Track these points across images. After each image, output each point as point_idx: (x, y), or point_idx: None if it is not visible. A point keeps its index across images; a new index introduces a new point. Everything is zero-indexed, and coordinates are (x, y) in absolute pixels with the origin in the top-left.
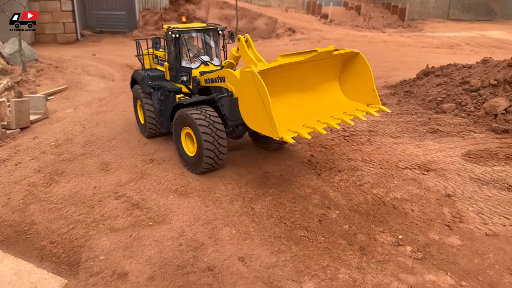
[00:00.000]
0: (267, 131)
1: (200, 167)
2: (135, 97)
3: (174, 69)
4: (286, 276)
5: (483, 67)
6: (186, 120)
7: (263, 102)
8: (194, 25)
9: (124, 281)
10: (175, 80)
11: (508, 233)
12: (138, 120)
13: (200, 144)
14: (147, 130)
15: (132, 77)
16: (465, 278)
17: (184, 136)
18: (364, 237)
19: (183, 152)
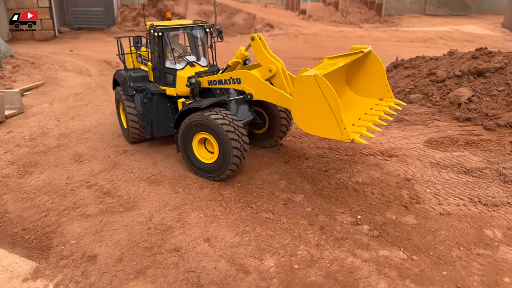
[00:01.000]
0: (332, 135)
1: (223, 173)
2: (117, 99)
3: (157, 70)
4: (249, 254)
5: (449, 59)
6: (204, 125)
7: (331, 106)
8: (179, 22)
9: (93, 263)
10: (159, 82)
11: (461, 212)
12: (121, 124)
13: (225, 149)
14: (130, 136)
15: (114, 78)
16: (416, 253)
17: (196, 143)
18: (325, 218)
19: (196, 160)
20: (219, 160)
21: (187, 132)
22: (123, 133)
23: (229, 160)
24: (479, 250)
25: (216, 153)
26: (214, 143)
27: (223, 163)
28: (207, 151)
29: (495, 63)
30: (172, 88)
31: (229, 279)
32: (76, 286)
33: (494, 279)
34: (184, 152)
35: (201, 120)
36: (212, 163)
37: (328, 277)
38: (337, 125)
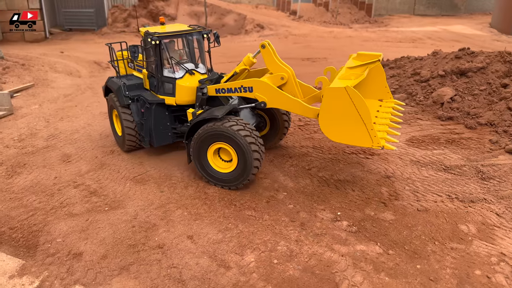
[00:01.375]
0: (362, 143)
1: (245, 179)
2: (110, 106)
3: (155, 79)
4: (230, 250)
5: (433, 59)
6: (221, 135)
7: (361, 116)
8: (175, 27)
9: (78, 260)
10: (156, 91)
11: (438, 208)
12: (115, 131)
13: (245, 156)
14: (126, 144)
15: (106, 86)
16: (392, 247)
17: (212, 153)
18: (306, 215)
19: (212, 170)
20: (238, 168)
21: (201, 143)
22: (117, 140)
23: (251, 165)
24: (453, 244)
25: (234, 161)
26: (232, 152)
27: (244, 170)
28: (222, 161)
29: (477, 63)
30: (172, 97)
31: (210, 274)
32: (62, 282)
33: (466, 272)
34: (198, 163)
35: (218, 131)
36: (230, 172)
37: (306, 271)
38: (367, 133)
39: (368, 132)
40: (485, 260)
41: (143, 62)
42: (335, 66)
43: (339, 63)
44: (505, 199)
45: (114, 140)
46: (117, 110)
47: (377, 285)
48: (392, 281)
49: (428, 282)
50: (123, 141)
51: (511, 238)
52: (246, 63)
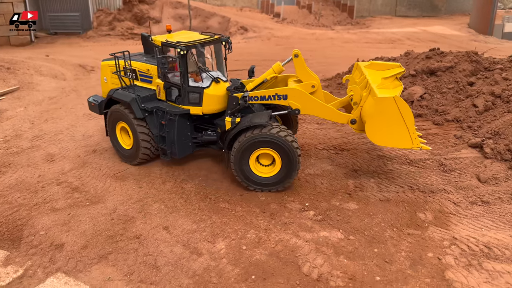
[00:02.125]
0: (403, 145)
1: (289, 182)
2: (114, 119)
3: (176, 89)
4: (203, 238)
5: (405, 59)
6: (267, 141)
7: (406, 122)
8: (185, 35)
9: (60, 250)
10: (180, 102)
11: (399, 198)
12: (118, 145)
13: (291, 159)
14: (140, 157)
15: (110, 98)
16: (353, 233)
17: (254, 159)
18: (276, 206)
19: (254, 176)
20: (282, 172)
21: (245, 150)
22: (120, 154)
23: (296, 168)
24: (410, 230)
25: (277, 166)
26: (276, 156)
27: (288, 173)
28: (262, 166)
29: (446, 62)
30: (198, 107)
31: (183, 260)
32: (44, 270)
33: (419, 254)
34: (239, 170)
35: (265, 137)
36: (273, 176)
37: (272, 256)
38: (409, 136)
39: (410, 136)
40: (438, 243)
41: (159, 72)
42: (315, 66)
43: (319, 64)
44: (464, 190)
45: (97, 140)
46: (129, 123)
47: (336, 266)
48: (350, 263)
49: (383, 264)
50: (135, 155)
51: (464, 224)
52: (276, 70)
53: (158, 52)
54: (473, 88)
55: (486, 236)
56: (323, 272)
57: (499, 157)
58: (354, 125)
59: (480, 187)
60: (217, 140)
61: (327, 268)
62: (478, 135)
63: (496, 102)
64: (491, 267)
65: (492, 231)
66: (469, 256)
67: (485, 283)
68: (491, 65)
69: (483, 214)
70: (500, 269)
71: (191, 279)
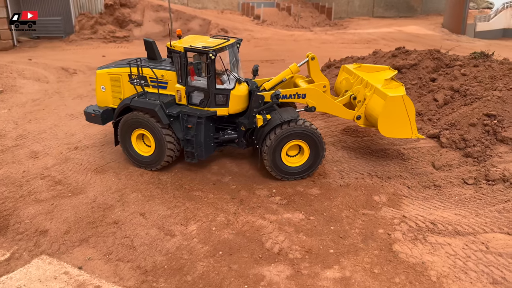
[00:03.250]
0: (405, 135)
1: (314, 170)
2: (128, 127)
3: (202, 93)
4: (176, 222)
5: (373, 58)
6: (300, 133)
7: (409, 116)
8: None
9: (44, 236)
10: (205, 104)
11: (358, 184)
12: (134, 152)
13: (318, 149)
14: (165, 160)
15: (127, 107)
16: (313, 214)
17: (285, 151)
18: (245, 193)
19: (285, 166)
20: (309, 161)
21: (278, 144)
22: (135, 161)
23: (322, 156)
24: (365, 211)
25: (306, 155)
26: (305, 146)
27: (314, 161)
28: (289, 156)
29: (410, 60)
30: (224, 108)
31: (157, 241)
32: (30, 253)
33: (371, 231)
34: (272, 163)
35: (299, 130)
36: (301, 165)
37: (239, 235)
38: (410, 128)
39: (411, 127)
40: (389, 221)
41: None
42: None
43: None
44: (419, 176)
45: (79, 137)
46: (151, 130)
47: (295, 242)
48: (308, 239)
49: (338, 239)
50: (157, 160)
51: (415, 205)
52: (293, 71)
53: (181, 58)
54: (435, 83)
55: (433, 214)
56: (283, 247)
57: (454, 146)
58: (359, 120)
59: (434, 173)
60: (238, 138)
61: (287, 243)
62: (436, 127)
63: (455, 96)
64: (434, 240)
65: (439, 210)
66: (416, 231)
67: (428, 254)
68: (451, 62)
69: (434, 196)
70: (442, 242)
71: (164, 256)
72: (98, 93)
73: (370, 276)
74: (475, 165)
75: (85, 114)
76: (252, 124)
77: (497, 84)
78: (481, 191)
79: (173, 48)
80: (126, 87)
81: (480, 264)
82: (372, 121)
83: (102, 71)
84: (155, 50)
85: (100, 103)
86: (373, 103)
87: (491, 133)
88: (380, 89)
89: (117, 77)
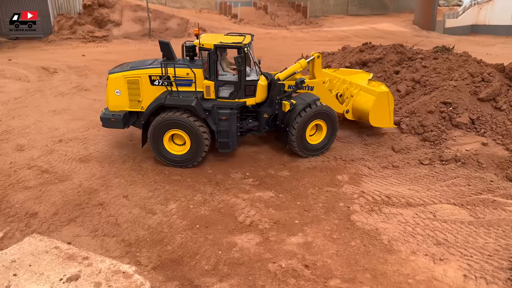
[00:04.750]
0: (386, 124)
1: (329, 146)
2: (160, 129)
3: (235, 85)
4: (157, 202)
5: (342, 53)
6: (322, 113)
7: (390, 108)
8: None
9: (34, 218)
10: (235, 96)
11: (323, 166)
12: (166, 153)
13: (334, 128)
14: (201, 156)
15: (161, 105)
16: (282, 192)
17: (309, 130)
18: (221, 176)
19: (308, 144)
20: (327, 137)
21: (305, 124)
22: (168, 161)
23: (336, 131)
24: (328, 188)
25: (324, 132)
26: (323, 125)
27: (331, 137)
28: (310, 136)
29: (376, 54)
30: (252, 98)
31: (140, 218)
32: (21, 233)
33: (332, 205)
34: (299, 141)
35: (322, 110)
36: (320, 142)
37: (214, 211)
38: (389, 118)
39: (390, 118)
40: (349, 196)
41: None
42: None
43: (270, 60)
44: (379, 158)
45: (63, 131)
46: (187, 127)
47: (265, 215)
48: (277, 212)
49: (303, 212)
50: (194, 157)
51: (373, 182)
52: (302, 65)
53: (211, 55)
54: (398, 75)
55: (389, 190)
56: (254, 220)
57: (413, 131)
58: (348, 114)
59: (393, 155)
60: (259, 125)
61: (258, 217)
62: (398, 115)
63: (416, 87)
64: (388, 211)
65: (395, 186)
66: (372, 204)
67: (381, 222)
68: (413, 55)
69: (391, 175)
70: (394, 212)
71: (146, 231)
72: (111, 98)
73: (329, 241)
74: (431, 148)
75: (103, 120)
76: (275, 111)
77: (453, 74)
78: (434, 170)
79: (202, 46)
80: (144, 89)
81: (427, 229)
82: (358, 114)
83: (117, 75)
84: (172, 51)
85: (114, 107)
86: (361, 99)
87: (447, 119)
88: (367, 87)
89: (135, 79)
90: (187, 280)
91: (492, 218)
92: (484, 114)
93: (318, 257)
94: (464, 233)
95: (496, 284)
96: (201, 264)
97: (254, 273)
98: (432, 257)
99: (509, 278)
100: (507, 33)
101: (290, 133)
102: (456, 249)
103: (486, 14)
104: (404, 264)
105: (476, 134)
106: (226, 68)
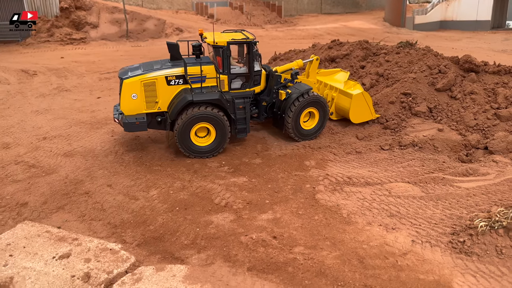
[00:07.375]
0: (367, 118)
1: (322, 130)
2: (188, 124)
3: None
4: (139, 189)
5: (313, 50)
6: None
7: (368, 105)
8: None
9: (25, 207)
10: (246, 86)
11: (293, 153)
12: (193, 146)
13: (325, 114)
14: (226, 143)
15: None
16: (255, 177)
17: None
18: (199, 165)
19: (304, 130)
20: (318, 123)
21: (299, 112)
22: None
23: (327, 118)
24: (297, 172)
25: (316, 119)
26: (316, 112)
27: (323, 124)
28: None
29: (343, 51)
30: (258, 86)
31: (123, 203)
32: (14, 220)
33: (300, 186)
34: (295, 128)
35: (315, 99)
36: (313, 128)
37: (192, 195)
38: (370, 112)
39: (371, 112)
40: (315, 179)
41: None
42: None
43: None
44: (344, 145)
45: (46, 129)
46: (213, 120)
47: (238, 197)
48: (249, 194)
49: (273, 193)
50: (219, 146)
51: (337, 166)
52: (299, 64)
53: (224, 51)
54: (364, 70)
55: (350, 172)
56: (229, 201)
57: (375, 120)
58: (332, 115)
59: (357, 143)
60: (259, 113)
61: (232, 199)
62: None
63: (379, 80)
64: (349, 190)
65: (356, 169)
66: (335, 184)
67: (342, 199)
68: (378, 51)
69: (353, 160)
70: (354, 190)
71: (130, 214)
72: (127, 102)
73: (295, 216)
74: (392, 135)
75: (126, 124)
76: (273, 99)
77: (413, 67)
78: (393, 154)
79: (216, 44)
80: (161, 90)
81: (382, 204)
82: (341, 113)
83: (133, 80)
84: (179, 51)
85: (131, 111)
86: (341, 101)
87: (407, 108)
88: (344, 90)
89: (152, 82)
90: (168, 253)
91: (440, 193)
92: (441, 103)
93: (285, 229)
94: (415, 206)
95: (439, 246)
96: (181, 239)
97: (228, 245)
98: (385, 226)
99: (450, 241)
100: (473, 28)
101: (286, 120)
102: (407, 219)
103: (454, 10)
104: (360, 233)
105: (433, 121)
106: (233, 62)
